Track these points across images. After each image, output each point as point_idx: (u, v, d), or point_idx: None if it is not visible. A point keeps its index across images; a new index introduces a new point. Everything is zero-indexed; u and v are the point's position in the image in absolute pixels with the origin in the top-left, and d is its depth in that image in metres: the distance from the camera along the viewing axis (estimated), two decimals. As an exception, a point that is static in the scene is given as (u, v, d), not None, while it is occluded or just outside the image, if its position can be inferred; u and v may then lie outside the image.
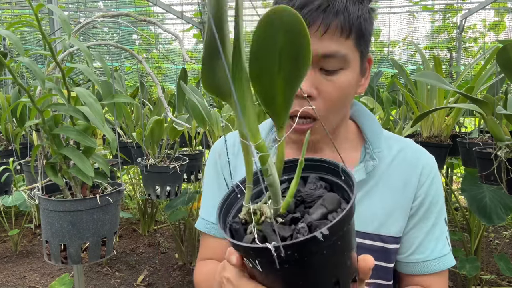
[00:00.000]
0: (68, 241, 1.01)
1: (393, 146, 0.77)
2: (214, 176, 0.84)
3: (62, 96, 0.95)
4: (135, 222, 3.88)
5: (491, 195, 2.12)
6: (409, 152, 0.76)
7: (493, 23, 4.50)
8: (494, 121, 1.53)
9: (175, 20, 4.34)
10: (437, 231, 0.74)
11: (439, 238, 0.74)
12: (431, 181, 0.74)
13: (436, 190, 0.75)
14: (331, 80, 0.64)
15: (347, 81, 0.66)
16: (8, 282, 2.84)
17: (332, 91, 0.65)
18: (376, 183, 0.73)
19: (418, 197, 0.74)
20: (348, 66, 0.65)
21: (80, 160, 0.98)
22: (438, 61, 2.07)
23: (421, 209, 0.74)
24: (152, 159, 1.82)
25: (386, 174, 0.74)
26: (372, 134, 0.76)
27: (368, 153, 0.75)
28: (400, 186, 0.73)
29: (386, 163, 0.74)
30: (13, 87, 2.89)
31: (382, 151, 0.74)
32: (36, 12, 0.87)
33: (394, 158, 0.75)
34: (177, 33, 1.26)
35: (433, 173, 0.75)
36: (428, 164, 0.75)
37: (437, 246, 0.74)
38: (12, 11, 4.18)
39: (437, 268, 0.73)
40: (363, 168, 0.73)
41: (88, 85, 2.21)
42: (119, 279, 2.87)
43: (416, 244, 0.73)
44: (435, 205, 0.74)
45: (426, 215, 0.74)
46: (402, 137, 0.81)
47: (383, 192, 0.73)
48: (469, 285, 2.49)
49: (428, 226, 0.74)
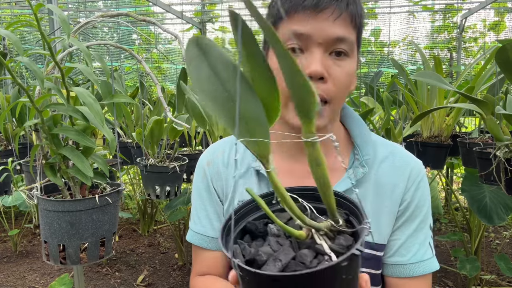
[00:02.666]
0: (67, 241, 1.01)
1: (381, 151, 0.77)
2: (203, 187, 0.82)
3: (61, 96, 0.95)
4: (135, 222, 3.88)
5: (492, 195, 2.12)
6: (397, 157, 0.76)
7: (493, 23, 4.49)
8: (494, 121, 1.53)
9: (175, 20, 4.34)
10: (421, 235, 0.74)
11: (422, 243, 0.74)
12: (417, 185, 0.74)
13: (422, 194, 0.74)
14: (340, 65, 0.66)
15: (351, 69, 0.68)
16: (8, 282, 2.83)
17: (340, 75, 0.66)
18: (366, 190, 0.73)
19: (404, 201, 0.73)
20: (352, 55, 0.68)
21: (79, 160, 0.98)
22: (438, 61, 2.06)
23: (406, 212, 0.73)
24: (151, 159, 1.82)
25: (375, 180, 0.73)
26: (361, 140, 0.76)
27: (357, 159, 0.74)
28: (388, 191, 0.73)
29: (374, 168, 0.74)
30: (12, 87, 2.89)
31: (370, 157, 0.74)
32: (35, 12, 0.87)
33: (381, 163, 0.75)
34: (176, 33, 1.26)
35: (419, 177, 0.75)
36: (415, 168, 0.75)
37: (420, 250, 0.73)
38: (12, 11, 4.18)
39: (417, 272, 0.72)
40: (352, 174, 0.73)
41: (87, 85, 2.21)
42: (119, 279, 2.87)
43: (397, 246, 0.73)
44: (420, 209, 0.74)
45: (411, 219, 0.73)
46: (389, 141, 0.81)
47: (372, 199, 0.73)
48: (469, 285, 2.49)
49: (411, 229, 0.73)
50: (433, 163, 2.09)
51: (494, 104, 1.50)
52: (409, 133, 2.27)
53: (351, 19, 0.66)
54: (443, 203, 3.72)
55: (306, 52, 0.65)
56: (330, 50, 0.65)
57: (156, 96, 3.19)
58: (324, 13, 0.64)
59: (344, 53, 0.66)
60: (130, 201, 4.15)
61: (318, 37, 0.64)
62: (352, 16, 0.66)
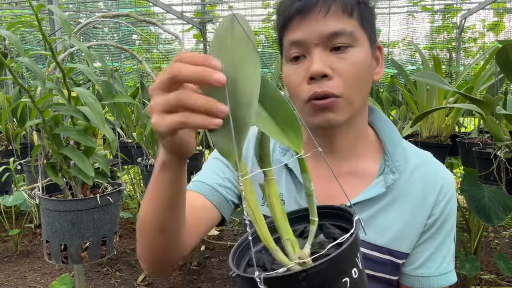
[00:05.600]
0: (69, 240, 1.02)
1: (412, 159, 0.74)
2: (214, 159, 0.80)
3: (63, 96, 0.96)
4: (135, 222, 3.88)
5: (491, 195, 2.12)
6: (429, 168, 0.74)
7: (493, 23, 4.50)
8: (494, 121, 1.53)
9: (175, 21, 4.34)
10: (445, 248, 0.73)
11: (446, 255, 0.73)
12: (448, 200, 0.73)
13: (451, 208, 0.73)
14: (344, 58, 0.65)
15: (359, 58, 0.66)
16: (9, 281, 2.84)
17: (347, 67, 0.65)
18: (395, 198, 0.71)
19: (433, 215, 0.72)
20: (357, 44, 0.66)
21: (80, 160, 0.99)
22: (438, 61, 2.07)
23: (434, 226, 0.72)
24: (152, 159, 1.82)
25: (405, 189, 0.72)
26: (392, 146, 0.74)
27: (388, 165, 0.72)
28: (418, 201, 0.72)
29: (404, 177, 0.72)
30: (13, 87, 2.89)
31: (401, 164, 0.72)
32: (36, 12, 0.87)
33: (413, 172, 0.73)
34: (177, 34, 1.27)
35: (451, 192, 0.74)
36: (447, 182, 0.74)
37: (443, 263, 0.73)
38: (12, 11, 4.18)
39: (439, 284, 0.72)
40: (383, 181, 0.71)
41: (88, 85, 2.21)
42: (120, 279, 2.87)
43: (424, 258, 0.73)
44: (447, 222, 0.73)
45: (438, 232, 0.73)
46: (421, 150, 0.79)
47: (401, 207, 0.71)
48: (469, 285, 2.49)
49: (437, 242, 0.73)
50: (433, 163, 2.09)
51: (494, 104, 1.50)
52: (408, 133, 2.28)
53: (343, 10, 0.64)
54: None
55: (307, 55, 0.66)
56: (330, 47, 0.65)
57: (156, 96, 3.18)
58: (312, 13, 0.64)
59: (344, 46, 0.65)
60: (130, 201, 4.15)
61: (313, 39, 0.64)
62: (343, 6, 0.64)
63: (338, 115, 0.66)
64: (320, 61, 0.64)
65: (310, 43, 0.65)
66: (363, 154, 0.75)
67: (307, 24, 0.65)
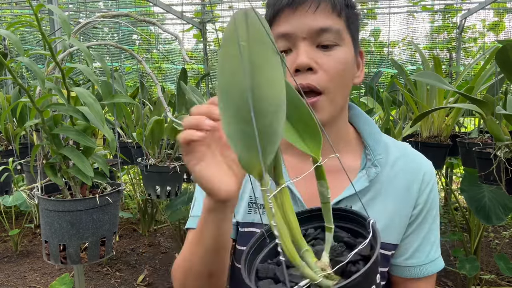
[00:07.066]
0: (68, 241, 1.02)
1: (393, 152, 0.76)
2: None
3: (62, 96, 0.95)
4: (135, 222, 3.88)
5: (491, 195, 2.12)
6: (410, 159, 0.76)
7: (493, 23, 4.50)
8: (494, 121, 1.53)
9: (175, 20, 4.34)
10: (432, 236, 0.75)
11: (434, 242, 0.75)
12: (431, 188, 0.75)
13: (434, 196, 0.75)
14: (329, 54, 0.66)
15: (344, 57, 0.67)
16: (9, 281, 2.84)
17: (332, 63, 0.66)
18: (379, 191, 0.73)
19: (418, 204, 0.74)
20: (343, 43, 0.67)
21: (79, 160, 0.98)
22: (438, 61, 2.07)
23: (420, 216, 0.74)
24: (152, 159, 1.82)
25: (388, 182, 0.73)
26: (372, 140, 0.75)
27: (369, 159, 0.74)
28: (402, 193, 0.73)
29: (386, 170, 0.74)
30: (13, 87, 2.89)
31: (383, 157, 0.74)
32: (36, 12, 0.87)
33: (394, 165, 0.75)
34: (177, 34, 1.26)
35: (433, 180, 0.76)
36: (428, 171, 0.76)
37: (431, 250, 0.74)
38: (12, 11, 4.18)
39: (429, 271, 0.74)
40: (366, 175, 0.72)
41: (88, 85, 2.21)
42: (119, 279, 2.87)
43: (413, 249, 0.74)
44: (432, 210, 0.75)
45: (424, 221, 0.74)
46: (399, 141, 0.81)
47: (385, 199, 0.73)
48: (469, 285, 2.49)
49: (425, 231, 0.74)
50: (433, 163, 2.09)
51: (494, 104, 1.50)
52: (408, 133, 2.28)
53: (332, 8, 0.65)
54: (443, 203, 3.72)
55: (294, 49, 0.66)
56: (316, 43, 0.66)
57: (156, 96, 3.19)
58: (302, 7, 0.65)
59: (331, 45, 0.66)
60: (130, 201, 4.15)
61: (300, 32, 0.65)
62: (333, 4, 0.65)
63: (320, 114, 0.67)
64: (306, 54, 0.65)
65: (298, 37, 0.65)
66: (344, 151, 0.75)
67: (296, 18, 0.65)
